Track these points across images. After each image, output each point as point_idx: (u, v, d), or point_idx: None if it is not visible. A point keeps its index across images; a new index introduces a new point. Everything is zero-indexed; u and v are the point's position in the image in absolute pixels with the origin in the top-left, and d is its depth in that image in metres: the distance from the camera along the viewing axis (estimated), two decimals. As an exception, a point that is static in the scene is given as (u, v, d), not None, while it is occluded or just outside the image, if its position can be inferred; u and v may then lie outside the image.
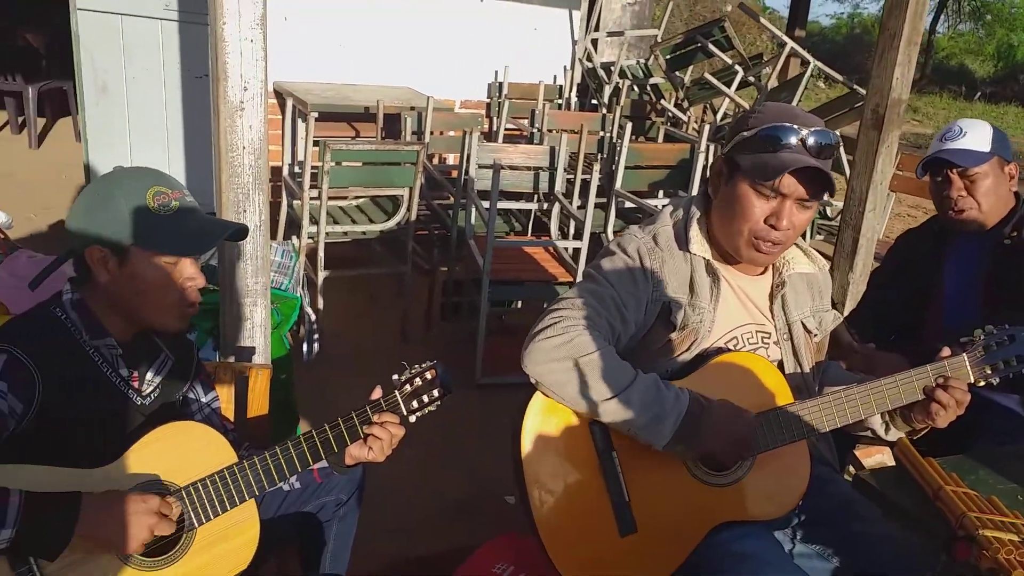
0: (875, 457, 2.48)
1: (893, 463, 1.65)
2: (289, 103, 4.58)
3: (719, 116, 5.43)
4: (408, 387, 1.45)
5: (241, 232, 1.47)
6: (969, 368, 1.59)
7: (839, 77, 5.16)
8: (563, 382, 1.46)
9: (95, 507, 1.21)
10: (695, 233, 1.60)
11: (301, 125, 4.62)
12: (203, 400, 1.61)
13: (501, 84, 5.40)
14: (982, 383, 1.60)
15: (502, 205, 3.91)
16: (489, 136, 5.15)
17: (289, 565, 1.68)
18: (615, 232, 3.70)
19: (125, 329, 1.43)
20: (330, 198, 3.54)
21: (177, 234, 1.36)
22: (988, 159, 2.06)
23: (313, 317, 3.31)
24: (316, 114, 4.03)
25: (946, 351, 1.61)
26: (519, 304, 3.91)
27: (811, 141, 1.49)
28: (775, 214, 1.50)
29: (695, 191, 3.84)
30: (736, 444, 1.48)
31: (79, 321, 1.38)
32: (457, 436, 2.92)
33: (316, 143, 3.43)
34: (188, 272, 1.40)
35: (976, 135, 2.08)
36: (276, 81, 4.74)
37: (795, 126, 1.49)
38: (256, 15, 1.96)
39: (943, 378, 1.56)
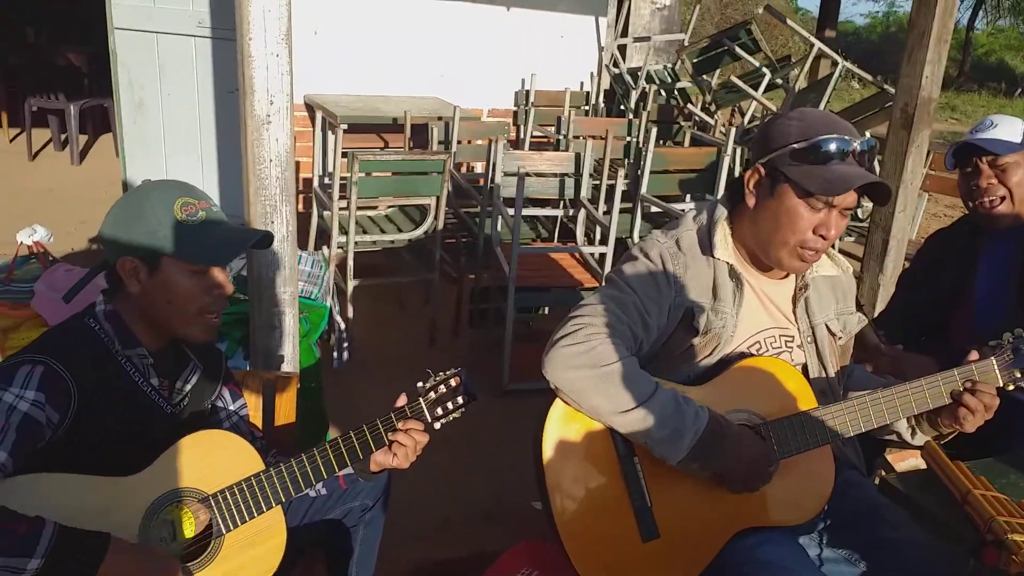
0: (908, 461, 2.45)
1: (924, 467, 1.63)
2: (319, 116, 4.65)
3: (747, 119, 5.39)
4: (433, 394, 1.47)
5: (266, 239, 1.50)
6: (998, 372, 1.56)
7: (868, 77, 5.09)
8: (583, 390, 1.47)
9: (120, 554, 1.24)
10: (720, 238, 1.60)
11: (331, 137, 4.68)
12: (231, 408, 1.65)
13: (528, 92, 5.42)
14: (1011, 387, 1.57)
15: (528, 212, 3.93)
16: (516, 144, 5.17)
17: (315, 571, 1.70)
18: (641, 237, 3.69)
19: (156, 339, 1.47)
20: (359, 208, 3.59)
21: (205, 243, 1.40)
22: (1019, 149, 2.03)
23: (343, 325, 3.35)
24: (345, 126, 4.09)
25: (974, 355, 1.59)
26: (546, 310, 3.92)
27: (860, 150, 1.49)
28: (824, 224, 1.50)
29: (721, 194, 3.82)
30: (750, 469, 1.47)
31: (112, 331, 1.42)
32: (483, 442, 2.93)
33: (344, 154, 3.48)
34: (217, 280, 1.44)
35: (1007, 127, 2.06)
36: (307, 94, 4.82)
37: (847, 136, 1.49)
38: (281, 31, 2.01)
39: (971, 382, 1.54)
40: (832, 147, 1.47)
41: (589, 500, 1.50)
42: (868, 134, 4.55)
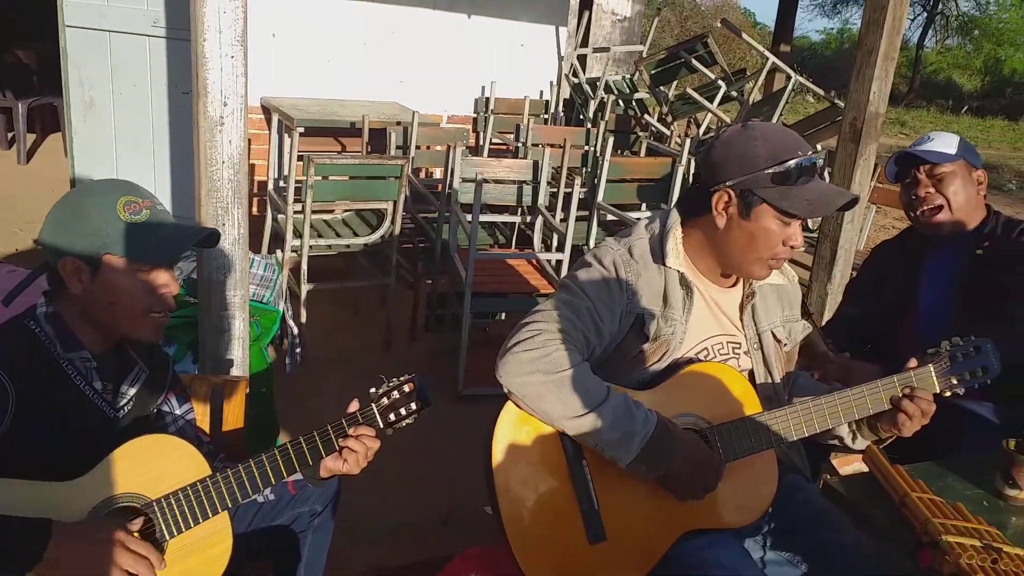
0: (852, 465, 2.50)
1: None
2: (275, 118, 4.61)
3: (702, 130, 5.48)
4: (385, 400, 1.46)
5: (212, 238, 1.48)
6: (935, 379, 1.61)
7: (820, 91, 5.21)
8: (537, 395, 1.48)
9: (66, 535, 1.21)
10: (672, 247, 1.62)
11: (287, 140, 4.64)
12: (178, 412, 1.62)
13: (488, 99, 5.44)
14: (948, 393, 1.62)
15: (485, 218, 3.94)
16: (475, 150, 5.18)
17: (263, 576, 1.68)
18: (596, 244, 3.73)
19: (99, 342, 1.44)
20: (315, 212, 3.56)
21: (148, 242, 1.37)
22: (954, 159, 2.10)
23: (296, 330, 3.31)
24: (302, 129, 4.06)
25: (913, 362, 1.64)
26: (502, 316, 3.93)
27: (821, 164, 1.54)
28: (791, 236, 1.56)
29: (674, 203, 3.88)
30: (695, 474, 1.49)
31: (53, 334, 1.39)
32: (438, 447, 2.93)
33: (300, 157, 3.45)
34: (161, 280, 1.41)
35: (943, 141, 2.15)
36: (263, 97, 4.77)
37: (811, 153, 1.54)
38: (237, 32, 1.99)
39: (909, 388, 1.59)
40: (804, 166, 1.52)
41: (537, 503, 1.51)
42: (819, 146, 4.66)
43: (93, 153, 4.20)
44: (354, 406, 1.47)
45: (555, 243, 3.93)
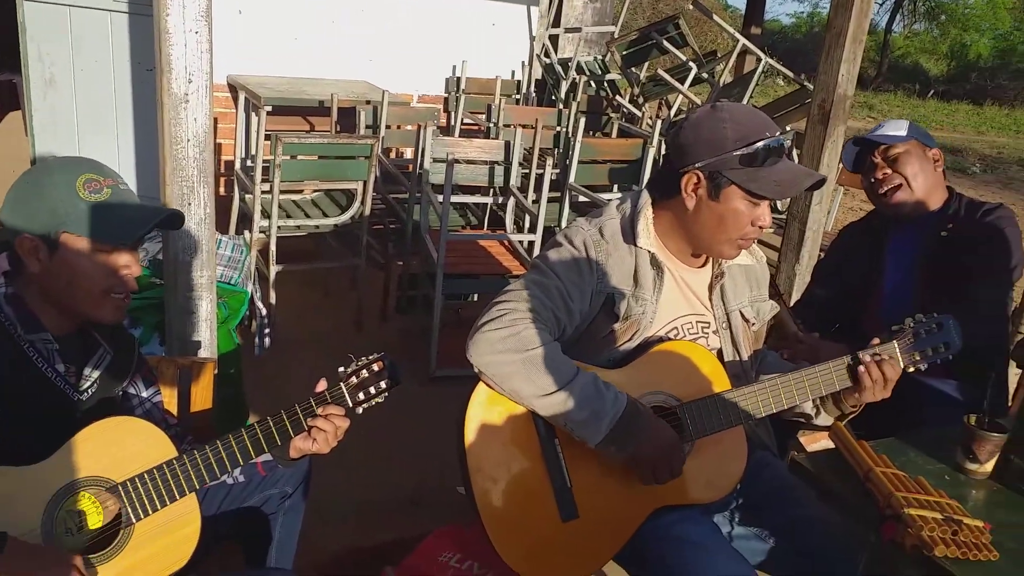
0: (820, 443, 2.55)
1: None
2: (242, 96, 4.53)
3: (673, 111, 5.49)
4: (354, 379, 1.46)
5: (176, 218, 1.45)
6: (899, 355, 1.64)
7: (789, 73, 5.24)
8: (507, 375, 1.48)
9: (17, 554, 1.19)
10: (643, 227, 1.63)
11: (254, 119, 4.57)
12: (144, 395, 1.60)
13: (459, 79, 5.39)
14: (911, 369, 1.65)
15: (457, 199, 3.92)
16: (446, 130, 5.14)
17: (232, 559, 1.67)
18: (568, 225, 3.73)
19: (61, 323, 1.41)
20: (283, 192, 3.51)
21: (108, 221, 1.34)
22: (905, 140, 2.14)
23: (264, 311, 3.28)
24: (269, 107, 4.00)
25: (877, 340, 1.66)
26: (475, 297, 3.92)
27: (788, 145, 1.54)
28: (760, 216, 1.57)
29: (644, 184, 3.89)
30: (663, 456, 1.50)
31: (13, 316, 1.36)
32: (410, 428, 2.92)
33: (268, 137, 3.40)
34: (122, 261, 1.38)
35: (893, 125, 2.20)
36: (230, 75, 4.69)
37: (779, 134, 1.54)
38: (201, 6, 1.94)
39: (870, 355, 1.61)
40: (772, 147, 1.53)
41: (510, 482, 1.51)
42: (789, 128, 4.69)
43: (54, 131, 4.10)
44: (322, 385, 1.46)
45: (527, 224, 3.92)
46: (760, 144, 1.51)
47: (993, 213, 2.11)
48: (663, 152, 1.64)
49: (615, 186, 4.14)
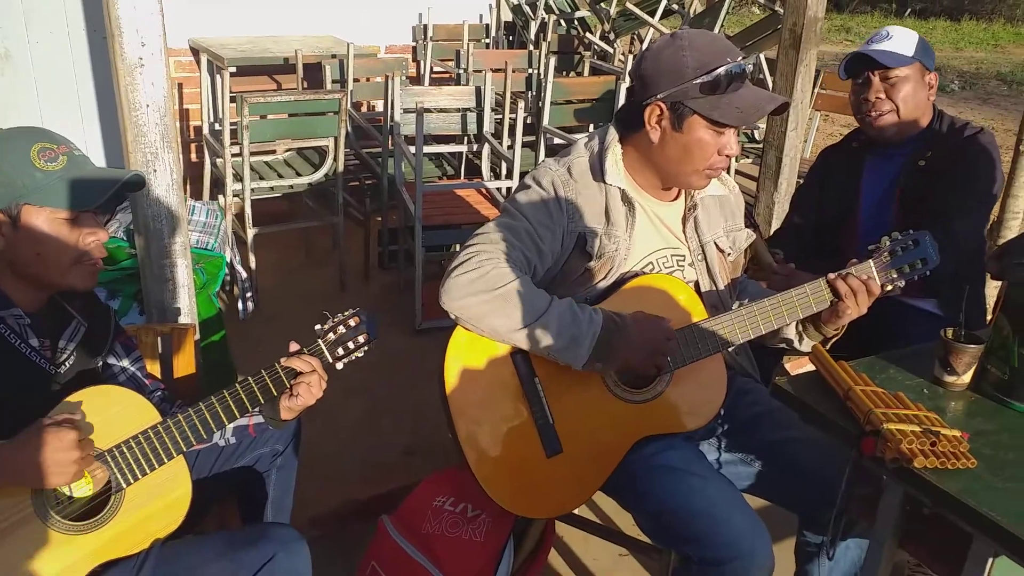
0: (804, 368, 2.57)
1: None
2: (204, 59, 4.43)
3: (645, 45, 5.41)
4: (332, 335, 1.48)
5: (137, 181, 1.43)
6: (876, 273, 1.64)
7: (761, -1, 5.16)
8: (481, 314, 1.49)
9: (5, 451, 1.21)
10: (611, 164, 1.62)
11: (219, 81, 4.48)
12: (125, 363, 1.59)
13: (426, 26, 5.28)
14: (890, 287, 1.66)
15: (431, 149, 3.88)
16: (417, 80, 5.05)
17: (229, 519, 1.69)
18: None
19: (33, 298, 1.40)
20: (254, 153, 3.46)
21: (68, 188, 1.32)
22: (910, 63, 2.05)
23: (245, 275, 3.26)
24: (233, 69, 3.91)
25: (854, 260, 1.67)
26: (456, 248, 3.91)
27: (750, 69, 1.52)
28: (726, 144, 1.55)
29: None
30: (651, 353, 1.52)
31: (-19, 293, 1.34)
32: (400, 382, 2.94)
33: (234, 99, 3.34)
34: (87, 227, 1.37)
35: (901, 40, 2.08)
36: (191, 38, 4.57)
37: (739, 60, 1.52)
38: (147, -35, 1.88)
39: (845, 272, 1.62)
40: (733, 73, 1.50)
41: (493, 423, 1.53)
42: (763, 56, 4.64)
43: (14, 105, 4.01)
44: (294, 346, 1.48)
45: (504, 171, 3.89)
46: (721, 70, 1.49)
47: (974, 139, 2.07)
48: (626, 86, 1.61)
49: (590, 125, 4.10)
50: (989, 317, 2.13)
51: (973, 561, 1.30)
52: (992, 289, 2.50)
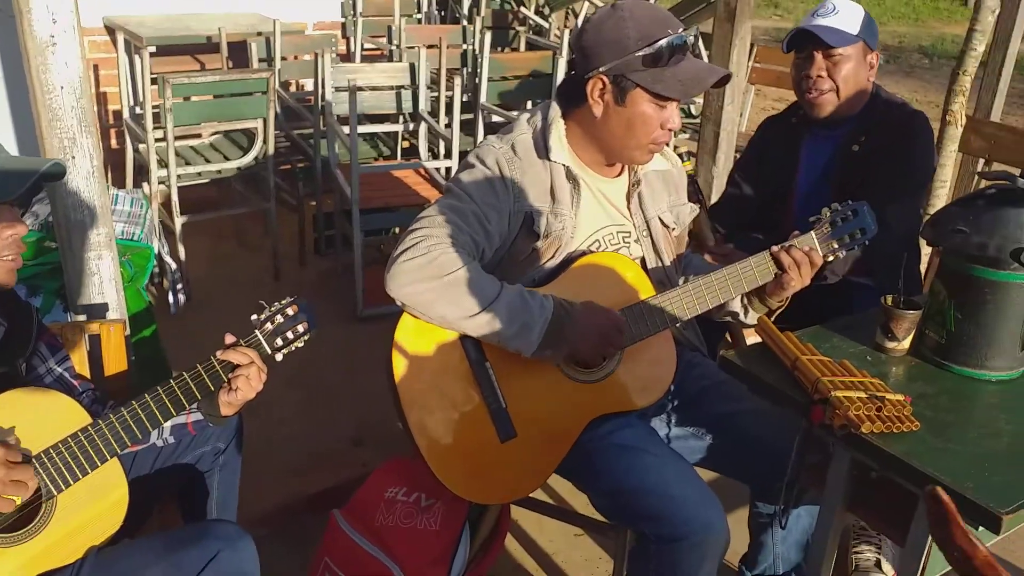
0: (749, 340, 2.61)
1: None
2: (121, 38, 4.22)
3: (580, 19, 5.38)
4: (269, 325, 1.43)
5: (57, 172, 1.34)
6: (818, 244, 1.66)
7: (693, -27, 5.18)
8: (430, 302, 1.45)
9: None
10: (555, 140, 1.59)
11: (138, 61, 4.28)
12: (50, 364, 1.51)
13: (355, 1, 5.14)
14: (831, 258, 1.68)
15: (365, 129, 3.78)
16: (347, 57, 4.92)
17: (171, 519, 1.63)
18: (484, 147, 3.65)
19: (-53, 298, 1.31)
20: (179, 138, 3.32)
21: None
22: (854, 41, 2.02)
23: (175, 266, 3.14)
24: (152, 48, 3.73)
25: (796, 231, 1.68)
26: (396, 231, 3.84)
27: (692, 42, 1.50)
28: (669, 119, 1.53)
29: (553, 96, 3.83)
30: (601, 341, 1.51)
31: None
32: (344, 370, 2.88)
33: (155, 80, 3.19)
34: (3, 220, 1.29)
35: (847, 15, 2.04)
36: (105, 16, 4.34)
37: (681, 32, 1.49)
38: (53, -63, 1.76)
39: (788, 244, 1.64)
40: (675, 45, 1.48)
41: (445, 410, 1.50)
42: (697, 29, 4.66)
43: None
44: (230, 338, 1.42)
45: (442, 151, 3.83)
46: (663, 42, 1.47)
47: (909, 124, 2.07)
48: (567, 59, 1.58)
49: (528, 102, 4.06)
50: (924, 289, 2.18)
51: (919, 522, 1.34)
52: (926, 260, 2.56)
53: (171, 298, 3.14)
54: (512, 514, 2.01)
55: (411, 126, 3.83)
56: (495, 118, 3.85)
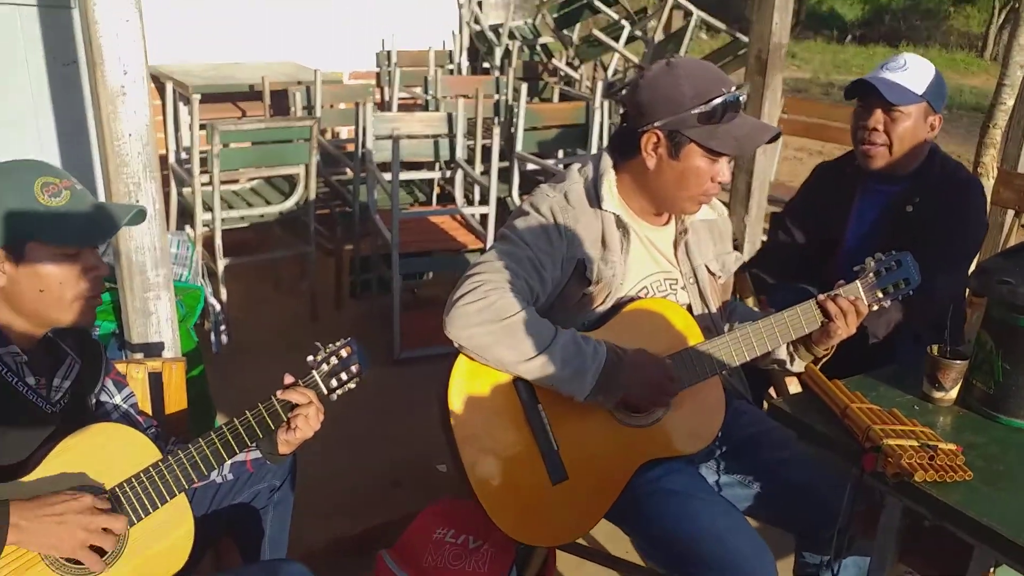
0: (792, 387, 2.60)
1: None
2: (169, 87, 4.36)
3: (610, 72, 5.50)
4: (325, 366, 1.46)
5: (140, 215, 1.41)
6: (862, 293, 1.69)
7: (721, 26, 5.30)
8: (487, 345, 1.49)
9: (25, 512, 1.17)
10: (607, 190, 1.64)
11: (184, 109, 4.41)
12: (117, 400, 1.55)
13: (389, 52, 5.29)
14: (875, 307, 1.71)
15: (403, 176, 3.87)
16: (382, 106, 5.05)
17: (227, 557, 1.65)
18: (521, 195, 3.72)
19: (29, 336, 1.36)
20: (222, 182, 3.42)
21: (73, 223, 1.30)
22: (917, 102, 1.99)
23: (218, 307, 3.20)
24: (199, 96, 3.87)
25: (841, 281, 1.71)
26: (430, 275, 3.90)
27: (744, 99, 1.56)
28: (720, 172, 1.59)
29: (594, 148, 3.90)
30: (652, 389, 1.54)
31: (-22, 332, 1.30)
32: (381, 413, 2.91)
33: (203, 126, 3.29)
34: (89, 262, 1.34)
35: (916, 73, 2.00)
36: (151, 65, 4.50)
37: (734, 89, 1.55)
38: (129, -7, 1.86)
39: (834, 293, 1.66)
40: (728, 103, 1.54)
41: (498, 450, 1.53)
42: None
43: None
44: (289, 379, 1.46)
45: (477, 197, 3.90)
46: (718, 101, 1.53)
47: (965, 190, 2.06)
48: (621, 112, 1.62)
49: (560, 152, 4.14)
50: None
51: (975, 570, 1.34)
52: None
53: (213, 338, 3.19)
54: (555, 558, 2.01)
55: (447, 173, 3.92)
56: (530, 166, 3.93)
